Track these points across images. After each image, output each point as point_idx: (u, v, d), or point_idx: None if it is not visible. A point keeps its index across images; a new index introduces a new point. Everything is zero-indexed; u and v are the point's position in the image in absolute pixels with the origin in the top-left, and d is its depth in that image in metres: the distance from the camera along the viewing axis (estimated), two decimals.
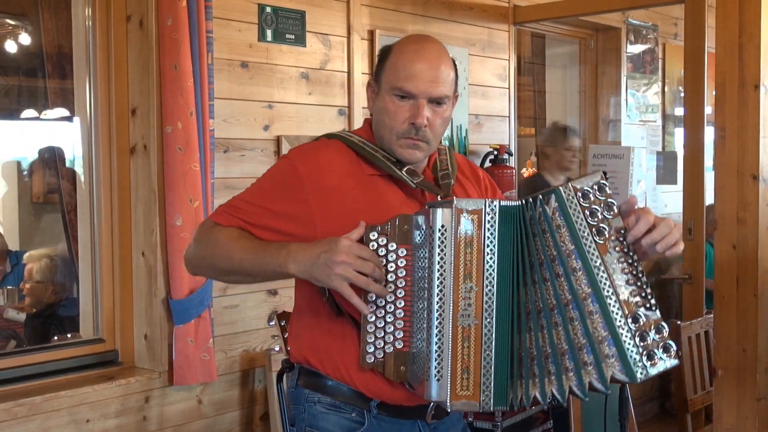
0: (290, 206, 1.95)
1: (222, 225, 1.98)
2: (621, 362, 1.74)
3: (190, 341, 3.28)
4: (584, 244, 1.76)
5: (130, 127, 3.38)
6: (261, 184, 2.04)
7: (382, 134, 2.01)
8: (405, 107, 1.96)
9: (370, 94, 2.06)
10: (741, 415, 3.44)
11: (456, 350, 1.76)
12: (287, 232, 1.94)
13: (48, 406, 3.03)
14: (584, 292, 1.75)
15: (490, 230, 1.77)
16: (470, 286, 1.76)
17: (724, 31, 3.43)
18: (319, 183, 1.95)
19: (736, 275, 3.43)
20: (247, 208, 1.98)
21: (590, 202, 1.78)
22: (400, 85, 1.95)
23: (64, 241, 4.57)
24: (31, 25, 5.02)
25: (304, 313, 2.05)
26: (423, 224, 1.84)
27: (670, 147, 5.98)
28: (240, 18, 3.58)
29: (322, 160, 1.98)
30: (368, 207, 1.94)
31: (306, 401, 2.03)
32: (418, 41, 2.02)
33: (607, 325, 1.74)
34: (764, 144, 3.39)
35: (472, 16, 4.63)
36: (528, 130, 6.89)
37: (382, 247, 1.86)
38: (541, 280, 1.79)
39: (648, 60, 5.82)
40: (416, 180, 1.99)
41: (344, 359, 1.96)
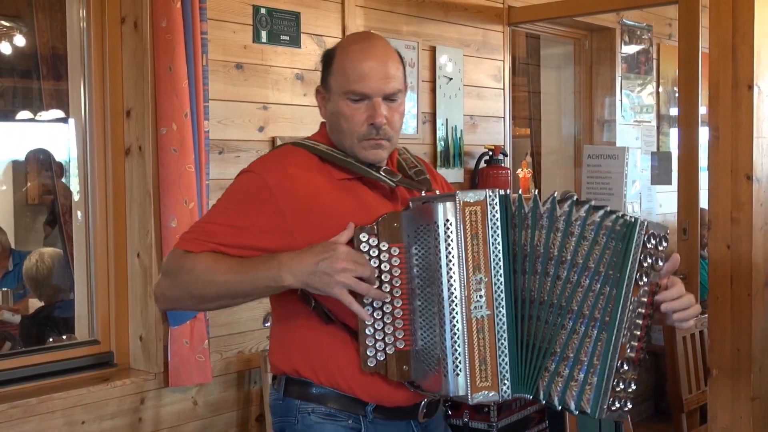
0: (265, 221, 1.88)
1: (194, 252, 1.87)
2: (593, 393, 1.77)
3: (185, 342, 3.28)
4: (626, 279, 1.76)
5: (124, 129, 3.37)
6: (228, 202, 1.94)
7: (342, 139, 1.96)
8: (361, 109, 1.93)
9: (320, 100, 2.01)
10: (735, 415, 3.45)
11: (472, 343, 1.76)
12: (265, 248, 1.87)
13: (43, 408, 3.03)
14: (602, 319, 1.76)
15: (492, 220, 1.77)
16: (480, 277, 1.77)
17: (718, 31, 3.44)
18: (291, 193, 1.89)
19: (730, 275, 3.44)
20: (218, 230, 1.89)
21: (650, 248, 1.78)
22: (352, 88, 1.92)
23: (59, 242, 4.58)
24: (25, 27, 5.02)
25: (288, 322, 1.99)
26: (419, 220, 1.82)
27: (664, 147, 5.99)
28: (234, 19, 3.58)
29: (289, 168, 1.92)
30: (347, 210, 1.90)
31: (298, 412, 1.97)
32: (361, 40, 2.00)
33: (603, 356, 1.77)
34: (758, 144, 3.40)
35: (467, 16, 4.63)
36: (523, 130, 6.90)
37: (374, 248, 1.85)
38: (532, 272, 1.80)
39: (642, 60, 5.84)
40: (395, 179, 1.97)
41: (340, 366, 1.93)
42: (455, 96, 4.55)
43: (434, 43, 4.44)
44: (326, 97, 1.98)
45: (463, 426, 3.65)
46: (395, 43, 4.18)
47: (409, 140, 4.32)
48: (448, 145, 4.52)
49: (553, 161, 6.05)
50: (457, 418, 3.67)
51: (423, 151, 4.40)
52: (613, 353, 1.76)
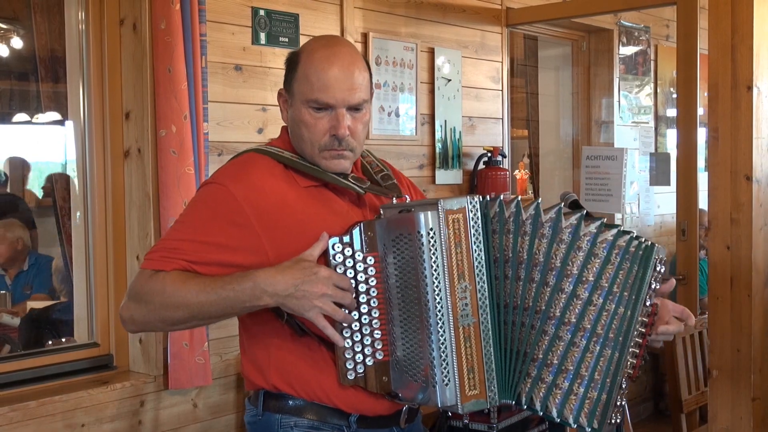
0: (234, 235, 1.80)
1: (164, 270, 1.78)
2: (603, 408, 1.79)
3: (185, 345, 3.28)
4: (641, 300, 1.80)
5: (124, 131, 3.37)
6: (193, 216, 1.85)
7: (303, 147, 1.90)
8: (324, 119, 1.86)
9: (282, 104, 1.94)
10: (736, 416, 3.45)
11: (460, 352, 1.74)
12: (236, 263, 1.79)
13: (43, 411, 3.02)
14: (603, 333, 1.79)
15: (474, 227, 1.75)
16: (465, 285, 1.75)
17: (717, 32, 3.44)
18: (258, 204, 1.82)
19: (730, 276, 3.44)
20: (185, 247, 1.79)
21: (658, 271, 1.82)
22: (316, 97, 1.85)
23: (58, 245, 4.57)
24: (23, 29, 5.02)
25: (259, 336, 1.92)
26: (397, 229, 1.78)
27: (662, 148, 5.99)
28: (233, 21, 3.57)
29: (255, 178, 1.84)
30: (317, 218, 1.84)
31: (280, 427, 1.91)
32: (327, 45, 1.89)
33: (614, 373, 1.79)
34: (757, 144, 3.40)
35: (465, 18, 4.63)
36: (521, 131, 6.91)
37: (348, 258, 1.80)
38: (514, 279, 1.80)
39: (640, 61, 5.84)
40: (364, 186, 1.92)
41: (318, 379, 1.87)
42: (454, 97, 4.55)
43: (432, 45, 4.44)
44: (288, 102, 1.92)
45: (463, 428, 3.65)
46: (394, 44, 4.19)
47: (408, 142, 4.32)
48: (446, 147, 4.52)
49: (552, 162, 6.06)
50: (457, 420, 3.67)
51: (422, 153, 4.40)
52: (620, 371, 1.79)
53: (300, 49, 1.92)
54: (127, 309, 1.83)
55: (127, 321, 1.85)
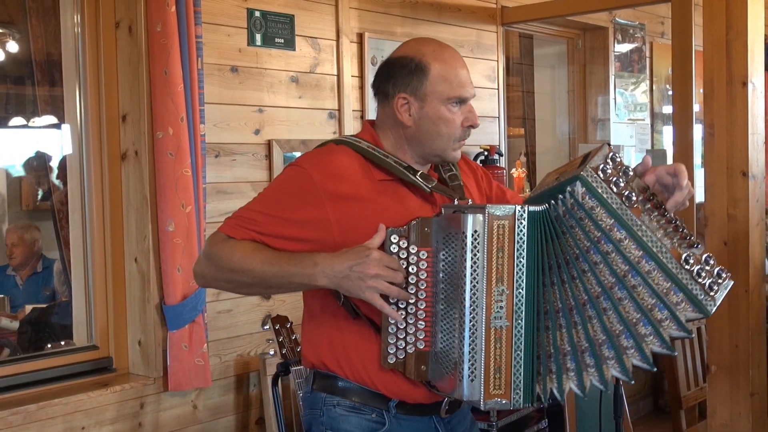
0: (307, 213, 1.95)
1: (236, 238, 1.96)
2: (692, 303, 1.80)
3: (184, 347, 3.28)
4: (621, 213, 1.81)
5: (120, 134, 3.37)
6: (273, 192, 2.03)
7: (435, 142, 2.04)
8: (458, 113, 2.03)
9: (403, 107, 2.03)
10: (735, 411, 3.46)
11: (489, 351, 1.82)
12: (305, 238, 1.95)
13: (43, 414, 3.02)
14: (636, 256, 1.81)
15: (519, 235, 1.82)
16: (502, 289, 1.82)
17: (712, 28, 3.45)
18: (333, 190, 1.96)
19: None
20: (260, 219, 1.97)
21: (610, 175, 1.82)
22: (458, 94, 2.02)
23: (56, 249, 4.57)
24: (19, 33, 5.01)
25: (318, 317, 2.06)
26: (448, 228, 1.88)
27: (658, 145, 6.00)
28: (229, 23, 3.58)
29: (334, 166, 2.00)
30: (384, 211, 1.97)
31: (324, 405, 2.05)
32: (446, 48, 2.07)
33: (668, 277, 1.80)
34: (753, 140, 3.41)
35: (461, 17, 4.64)
36: (517, 130, 6.90)
37: (403, 250, 1.92)
38: (570, 279, 1.84)
39: (636, 59, 5.85)
40: (431, 184, 2.03)
41: (364, 361, 1.99)
42: None
43: None
44: (414, 104, 2.02)
45: None
46: (390, 44, 4.19)
47: None
48: None
49: (548, 161, 6.06)
50: None
51: None
52: (671, 266, 1.79)
53: (418, 54, 2.03)
54: (200, 265, 2.04)
55: (198, 275, 2.06)
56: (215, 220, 3.45)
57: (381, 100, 2.09)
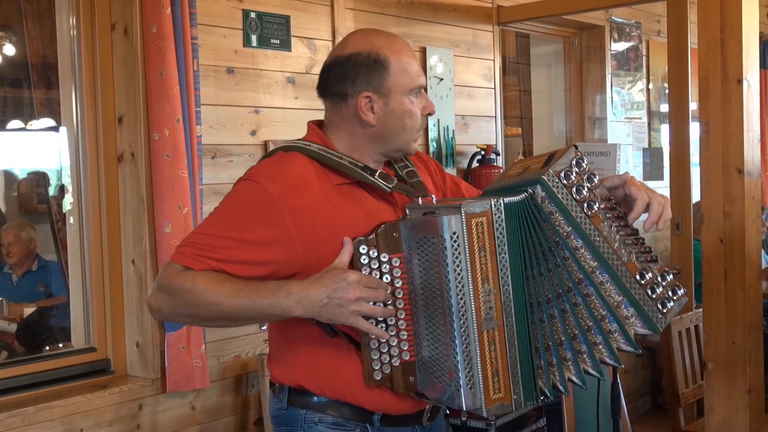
0: (267, 233, 1.82)
1: (194, 269, 1.79)
2: (641, 318, 1.79)
3: (182, 348, 3.28)
4: (579, 222, 1.78)
5: (117, 136, 3.37)
6: (228, 213, 1.87)
7: (401, 136, 1.96)
8: (417, 103, 1.96)
9: (366, 105, 1.92)
10: (732, 408, 3.47)
11: (485, 356, 1.74)
12: (268, 260, 1.82)
13: (41, 416, 3.02)
14: (590, 266, 1.78)
15: (498, 230, 1.74)
16: (489, 288, 1.74)
17: (706, 26, 3.45)
18: (293, 203, 1.83)
19: (724, 269, 3.46)
20: (217, 244, 1.81)
21: (572, 181, 1.78)
22: (418, 83, 1.95)
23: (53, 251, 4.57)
24: (15, 36, 5.01)
25: (288, 334, 1.95)
26: (421, 231, 1.78)
27: (655, 143, 6.01)
28: (225, 24, 3.58)
29: (290, 177, 1.86)
30: (347, 219, 1.87)
31: (304, 422, 1.94)
32: (395, 38, 1.99)
33: (620, 290, 1.78)
34: (748, 138, 3.42)
35: (456, 17, 4.64)
36: (514, 129, 6.91)
37: (374, 260, 1.82)
38: (547, 270, 1.80)
39: (632, 57, 5.86)
40: (391, 184, 1.93)
41: (345, 379, 1.90)
42: (446, 96, 4.56)
43: (424, 44, 4.44)
44: (378, 102, 1.93)
45: (461, 425, 3.65)
46: None
47: None
48: (440, 146, 4.53)
49: None
50: (455, 418, 3.66)
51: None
52: (625, 279, 1.78)
53: (373, 49, 1.93)
54: (156, 299, 1.85)
55: (155, 310, 1.87)
56: None
57: (334, 102, 1.96)
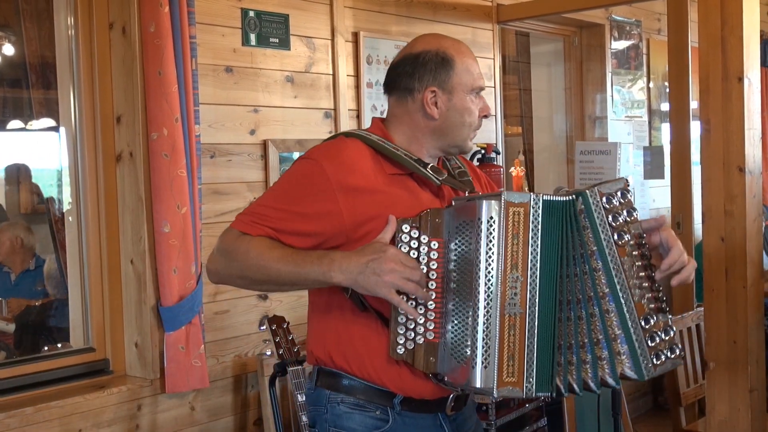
0: (319, 206, 1.96)
1: (251, 234, 1.96)
2: (631, 360, 1.85)
3: (181, 348, 3.27)
4: (605, 245, 1.85)
5: (115, 135, 3.36)
6: (285, 186, 2.03)
7: (460, 133, 2.09)
8: (477, 103, 2.09)
9: (431, 100, 2.06)
10: (734, 407, 3.45)
11: (503, 338, 1.81)
12: (317, 232, 1.96)
13: (39, 417, 3.01)
14: (602, 291, 1.85)
15: (534, 223, 1.83)
16: (516, 275, 1.82)
17: (707, 24, 3.44)
18: (346, 181, 1.96)
19: (725, 267, 3.44)
20: (273, 215, 1.96)
21: (613, 207, 1.86)
22: (480, 84, 2.09)
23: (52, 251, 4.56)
24: (13, 35, 5.01)
25: (325, 312, 2.07)
26: (461, 217, 1.88)
27: (656, 142, 5.99)
28: (223, 23, 3.57)
29: (346, 158, 2.00)
30: (395, 203, 1.98)
31: (328, 402, 2.05)
32: (460, 42, 2.13)
33: (621, 324, 1.85)
34: (749, 136, 3.40)
35: (456, 16, 4.63)
36: (514, 128, 6.89)
37: (414, 240, 1.93)
38: (574, 274, 1.87)
39: (632, 56, 5.84)
40: (441, 177, 2.05)
41: (371, 353, 2.00)
42: None
43: None
44: (442, 97, 2.06)
45: None
46: (385, 43, 4.19)
47: None
48: None
49: (546, 158, 6.05)
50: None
51: None
52: (630, 317, 1.84)
53: (441, 48, 2.07)
54: (214, 261, 2.02)
55: (212, 272, 2.03)
56: (211, 221, 3.45)
57: (400, 96, 2.09)
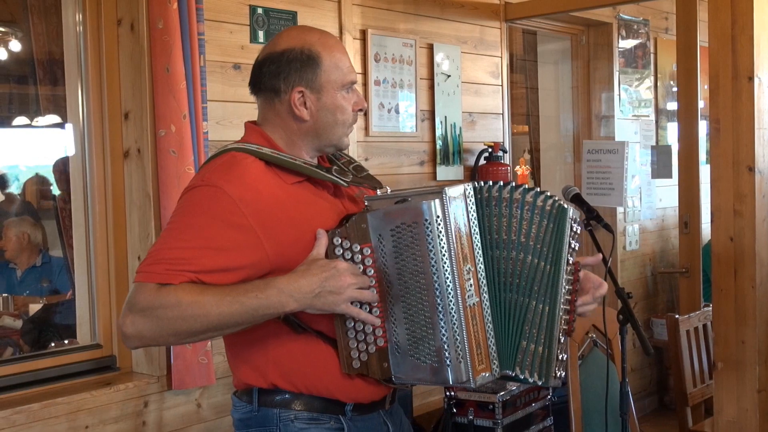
0: (234, 236, 1.80)
1: (172, 284, 1.75)
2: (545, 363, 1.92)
3: (187, 345, 3.27)
4: (562, 257, 1.92)
5: (123, 132, 3.36)
6: (188, 221, 1.83)
7: (333, 131, 2.00)
8: (349, 98, 2.01)
9: (298, 101, 1.95)
10: (741, 408, 3.44)
11: (469, 330, 1.84)
12: (241, 265, 1.80)
13: (46, 413, 3.01)
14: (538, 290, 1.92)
15: (470, 212, 1.87)
16: (468, 267, 1.86)
17: (717, 23, 3.43)
18: (254, 203, 1.83)
19: (734, 267, 3.43)
20: (189, 255, 1.77)
21: (575, 231, 1.95)
22: (350, 79, 2.00)
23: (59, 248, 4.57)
24: (21, 32, 5.01)
25: (255, 337, 1.93)
26: (399, 218, 1.85)
27: (663, 141, 5.98)
28: (231, 20, 3.56)
29: (246, 178, 1.86)
30: (311, 215, 1.90)
31: (279, 421, 1.95)
32: (327, 35, 2.04)
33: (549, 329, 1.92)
34: (759, 135, 3.39)
35: (464, 13, 4.62)
36: (521, 127, 6.89)
37: (347, 251, 1.88)
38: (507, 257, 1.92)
39: (640, 55, 5.83)
40: (347, 179, 2.00)
41: (317, 373, 1.93)
42: (453, 93, 4.54)
43: (431, 41, 4.42)
44: (310, 97, 1.96)
45: (468, 424, 3.64)
46: (392, 41, 4.18)
47: (408, 138, 4.31)
48: (447, 143, 4.51)
49: (552, 157, 6.04)
50: (461, 416, 3.66)
51: (422, 149, 4.39)
52: (556, 325, 1.91)
53: (306, 44, 1.97)
54: (133, 324, 1.77)
55: (131, 336, 1.79)
56: None
57: (268, 98, 1.98)
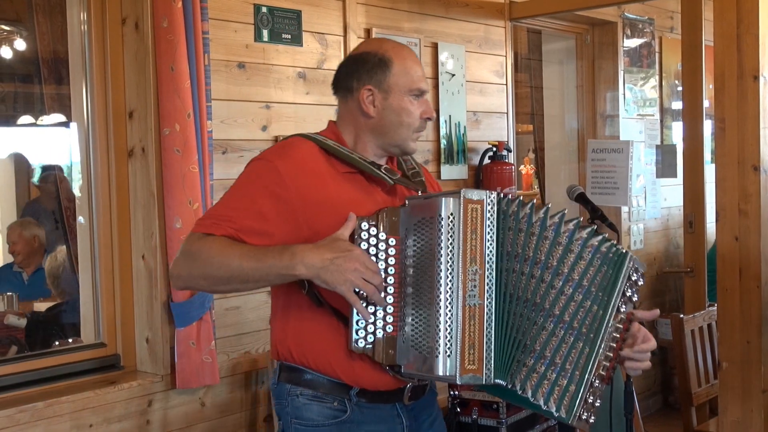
0: (276, 205, 2.02)
1: (214, 235, 2.00)
2: (571, 399, 1.92)
3: (191, 344, 3.27)
4: (612, 302, 1.93)
5: (127, 130, 3.36)
6: (241, 187, 2.08)
7: (398, 133, 2.15)
8: (417, 105, 2.15)
9: (367, 98, 2.14)
10: (746, 408, 3.44)
11: (465, 328, 1.90)
12: (275, 232, 2.01)
13: (50, 412, 3.01)
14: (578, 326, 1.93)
15: (489, 219, 1.94)
16: (475, 269, 1.92)
17: (722, 22, 3.42)
18: (299, 180, 2.03)
19: (739, 267, 3.43)
20: (233, 215, 2.02)
21: (634, 281, 1.96)
22: (419, 86, 2.15)
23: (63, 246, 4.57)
24: (26, 31, 5.02)
25: (284, 310, 2.13)
26: (420, 214, 1.96)
27: (668, 141, 5.97)
28: (236, 18, 3.56)
29: (298, 157, 2.07)
30: (350, 200, 2.05)
31: (288, 395, 2.13)
32: (403, 46, 2.21)
33: (584, 367, 1.92)
34: (764, 135, 3.38)
35: (468, 12, 4.62)
36: (526, 126, 6.89)
37: (373, 237, 1.99)
38: (521, 273, 1.96)
39: (645, 54, 5.82)
40: (394, 177, 2.13)
41: (326, 348, 2.07)
42: (458, 92, 4.53)
43: (436, 40, 4.42)
44: (378, 96, 2.13)
45: (472, 423, 3.64)
46: (397, 40, 4.17)
47: None
48: (451, 142, 4.50)
49: (557, 156, 6.03)
50: (466, 416, 3.65)
51: (426, 148, 4.39)
52: (591, 366, 1.92)
53: (380, 50, 2.15)
54: (177, 266, 2.05)
55: (175, 276, 2.08)
56: None
57: (343, 96, 2.18)
